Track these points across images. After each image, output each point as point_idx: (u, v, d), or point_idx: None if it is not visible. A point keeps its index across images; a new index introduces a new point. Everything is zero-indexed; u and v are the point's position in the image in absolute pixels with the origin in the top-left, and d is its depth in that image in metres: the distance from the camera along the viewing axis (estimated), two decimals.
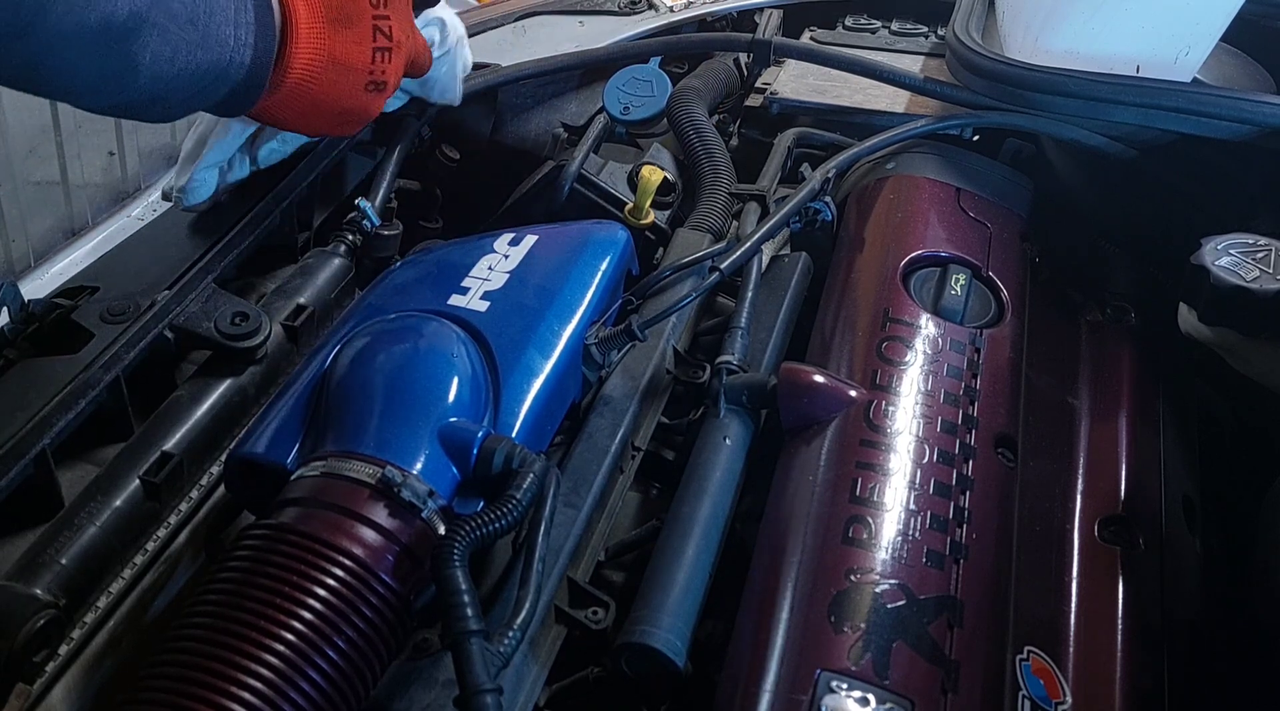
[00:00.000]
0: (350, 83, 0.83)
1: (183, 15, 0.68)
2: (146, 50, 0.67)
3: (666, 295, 0.93)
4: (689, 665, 0.68)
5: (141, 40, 0.66)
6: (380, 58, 0.84)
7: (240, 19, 0.72)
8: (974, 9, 1.26)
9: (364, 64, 0.83)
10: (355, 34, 0.82)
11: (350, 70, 0.83)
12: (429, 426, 0.71)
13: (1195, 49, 1.06)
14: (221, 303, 0.88)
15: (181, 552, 0.78)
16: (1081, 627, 0.75)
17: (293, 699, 0.58)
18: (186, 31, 0.69)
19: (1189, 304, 0.92)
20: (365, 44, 0.83)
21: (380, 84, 0.86)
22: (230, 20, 0.72)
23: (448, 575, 0.62)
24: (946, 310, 0.90)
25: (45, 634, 0.66)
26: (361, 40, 0.83)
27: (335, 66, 0.81)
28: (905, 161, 1.10)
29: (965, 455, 0.79)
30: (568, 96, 1.34)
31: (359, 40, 0.82)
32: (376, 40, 0.83)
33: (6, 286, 0.83)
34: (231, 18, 0.72)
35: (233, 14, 0.72)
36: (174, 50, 0.69)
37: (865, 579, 0.69)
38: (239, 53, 0.73)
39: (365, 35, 0.83)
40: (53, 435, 0.74)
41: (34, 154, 1.85)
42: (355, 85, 0.84)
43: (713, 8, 1.45)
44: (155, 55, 0.68)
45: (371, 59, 0.84)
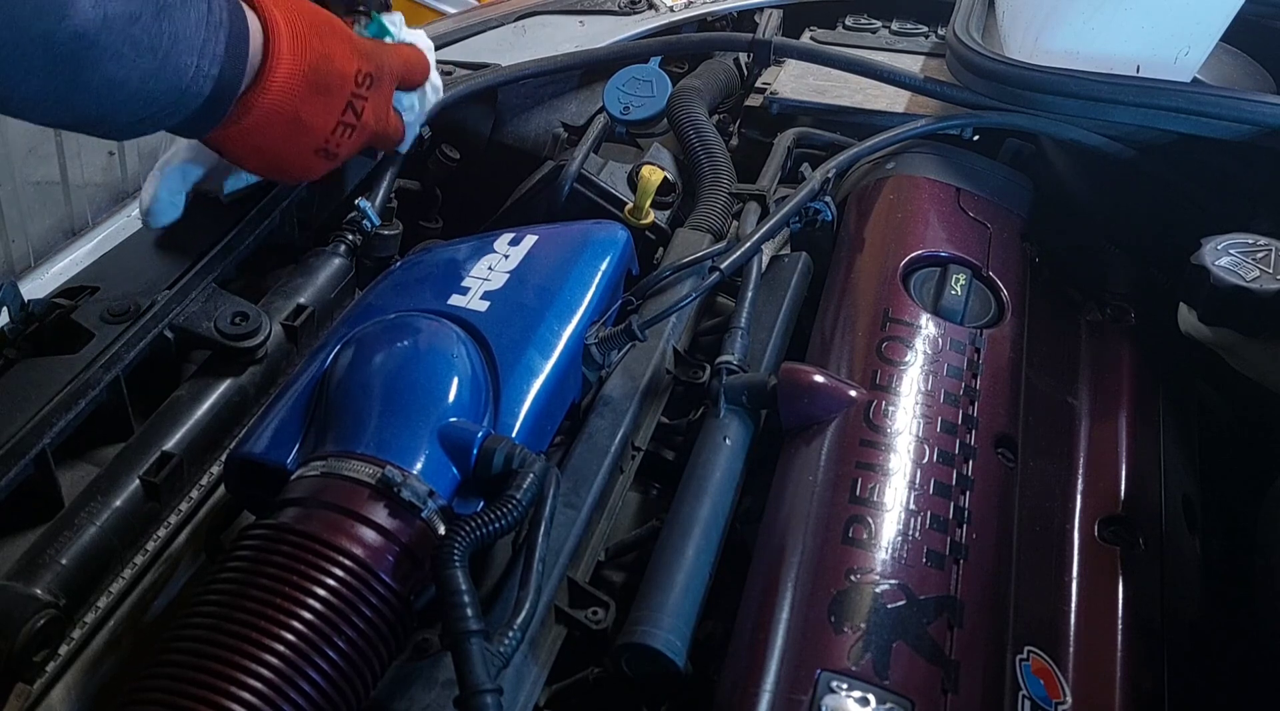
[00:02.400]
0: (302, 144, 0.82)
1: (144, 42, 0.66)
2: (94, 74, 0.65)
3: (666, 295, 0.93)
4: (689, 665, 0.68)
5: (89, 63, 0.64)
6: (342, 132, 0.84)
7: (207, 49, 0.70)
8: (974, 9, 1.26)
9: (323, 132, 0.83)
10: (327, 103, 0.81)
11: (307, 133, 0.82)
12: (429, 426, 0.71)
13: (1195, 49, 1.06)
14: (221, 303, 0.88)
15: (181, 552, 0.78)
16: (1081, 627, 0.75)
17: (293, 699, 0.58)
18: (144, 59, 0.66)
19: (1189, 304, 0.92)
20: (333, 116, 0.82)
21: (331, 154, 0.85)
22: (195, 50, 0.69)
23: (448, 575, 0.62)
24: (946, 310, 0.90)
25: (45, 634, 0.66)
26: (330, 111, 0.82)
27: (294, 125, 0.80)
28: (905, 161, 1.10)
29: (965, 455, 0.79)
30: (568, 96, 1.34)
31: (328, 110, 0.82)
32: (345, 116, 0.83)
33: (6, 286, 0.83)
34: (197, 47, 0.70)
35: (199, 44, 0.70)
36: (126, 75, 0.66)
37: (865, 579, 0.69)
38: (198, 83, 0.71)
39: (336, 108, 0.82)
40: (53, 435, 0.74)
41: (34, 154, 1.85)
42: (307, 147, 0.83)
43: (713, 8, 1.45)
44: (104, 79, 0.66)
45: (333, 130, 0.83)
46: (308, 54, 0.78)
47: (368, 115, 0.85)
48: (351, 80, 0.82)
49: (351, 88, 0.82)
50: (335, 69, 0.80)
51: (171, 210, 0.93)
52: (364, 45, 0.85)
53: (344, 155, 0.87)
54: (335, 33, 0.82)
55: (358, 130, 0.85)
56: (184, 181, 0.93)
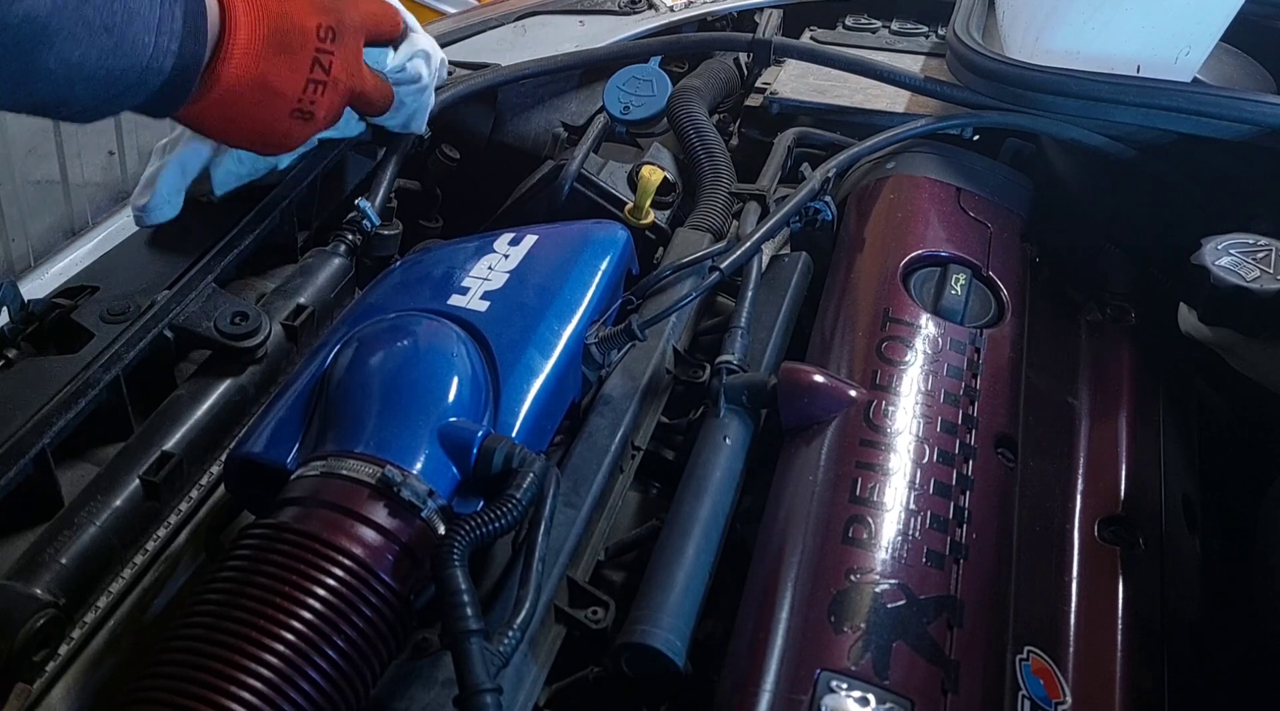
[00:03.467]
0: (276, 108, 0.82)
1: (97, 21, 0.65)
2: (50, 55, 0.64)
3: (666, 295, 0.93)
4: (689, 665, 0.68)
5: (44, 45, 0.63)
6: (313, 89, 0.83)
7: (165, 26, 0.69)
8: (974, 9, 1.26)
9: (294, 92, 0.82)
10: (292, 62, 0.80)
11: (278, 96, 0.81)
12: (429, 426, 0.71)
13: (1195, 49, 1.06)
14: (221, 302, 0.88)
15: (181, 552, 0.78)
16: (1081, 627, 0.75)
17: (292, 698, 0.58)
18: (99, 38, 0.65)
19: (1189, 304, 0.92)
20: (300, 74, 0.81)
21: (307, 114, 0.84)
22: (151, 28, 0.69)
23: (447, 575, 0.62)
24: (946, 310, 0.90)
25: (45, 633, 0.66)
26: (297, 69, 0.81)
27: (263, 89, 0.80)
28: (905, 161, 1.10)
29: (965, 455, 0.79)
30: (568, 96, 1.34)
31: (294, 69, 0.81)
32: (313, 72, 0.82)
33: (6, 286, 0.83)
34: (154, 25, 0.69)
35: (155, 21, 0.69)
36: (83, 56, 0.65)
37: (865, 579, 0.69)
38: (158, 59, 0.70)
39: (303, 65, 0.81)
40: (53, 435, 0.74)
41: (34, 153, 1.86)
42: (280, 111, 0.82)
43: (713, 7, 1.45)
44: (60, 61, 0.65)
45: (303, 89, 0.82)
46: (265, 15, 0.77)
47: (337, 69, 0.84)
48: (313, 35, 0.81)
49: (315, 43, 0.81)
50: (294, 25, 0.80)
51: (169, 208, 0.92)
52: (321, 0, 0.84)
53: (324, 115, 0.86)
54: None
55: (329, 86, 0.84)
56: (183, 178, 0.93)
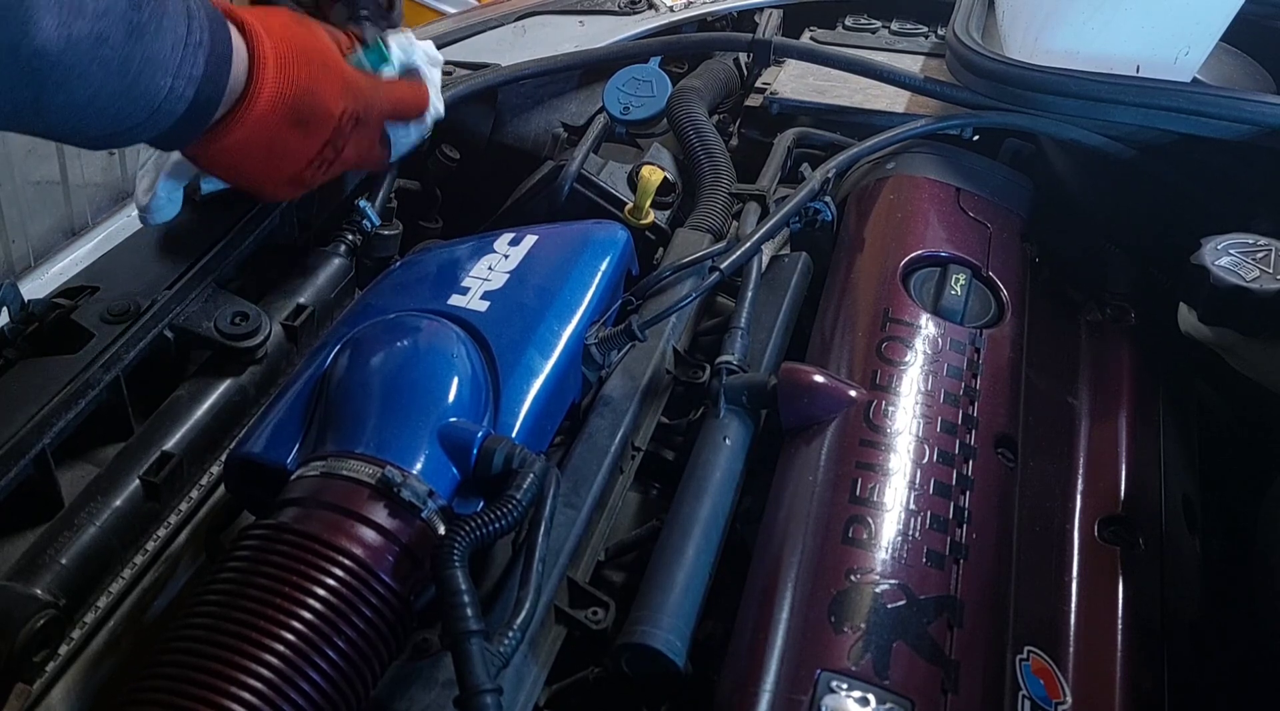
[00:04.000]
0: (278, 170, 0.81)
1: (112, 64, 0.63)
2: (59, 93, 0.63)
3: (666, 295, 0.93)
4: (689, 665, 0.68)
5: (53, 82, 0.62)
6: (318, 166, 0.82)
7: (184, 70, 0.68)
8: (974, 9, 1.26)
9: (299, 164, 0.81)
10: (305, 140, 0.80)
11: (284, 161, 0.80)
12: (429, 426, 0.71)
13: (1195, 49, 1.06)
14: (221, 302, 0.88)
15: (181, 552, 0.78)
16: (1081, 627, 0.75)
17: (292, 699, 0.58)
18: (113, 80, 0.64)
19: (1189, 304, 0.92)
20: (311, 150, 0.81)
21: (304, 183, 0.84)
22: (170, 71, 0.67)
23: (448, 575, 0.62)
24: (946, 310, 0.90)
25: (45, 634, 0.66)
26: (309, 146, 0.80)
27: (270, 154, 0.79)
28: (905, 161, 1.10)
29: (965, 455, 0.79)
30: (568, 96, 1.34)
31: (306, 145, 0.80)
32: (324, 152, 0.81)
33: (6, 286, 0.83)
34: (173, 68, 0.67)
35: (175, 65, 0.67)
36: (93, 95, 0.64)
37: (865, 579, 0.69)
38: (171, 103, 0.69)
39: (316, 144, 0.80)
40: (53, 435, 0.74)
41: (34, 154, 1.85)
42: (281, 174, 0.82)
43: (713, 8, 1.45)
44: (69, 99, 0.64)
45: (308, 164, 0.82)
46: (293, 87, 0.76)
47: (348, 153, 0.84)
48: (335, 119, 0.80)
49: (334, 126, 0.80)
50: (320, 105, 0.79)
51: (170, 207, 0.92)
52: (355, 82, 0.83)
53: (317, 184, 0.86)
54: (326, 66, 0.80)
55: (335, 164, 0.84)
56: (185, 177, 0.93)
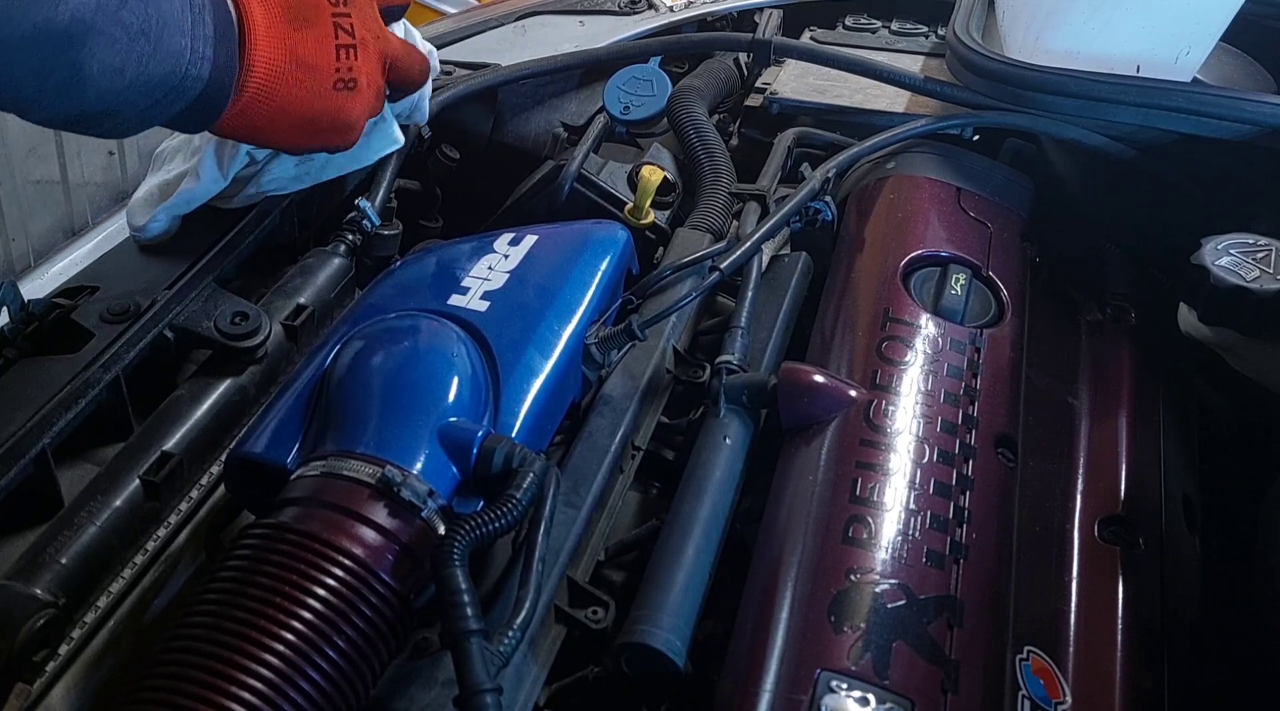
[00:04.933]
0: (317, 83, 0.79)
1: (134, 25, 0.64)
2: (93, 60, 0.63)
3: (666, 295, 0.93)
4: (689, 665, 0.68)
5: (87, 50, 0.63)
6: (345, 54, 0.80)
7: (198, 30, 0.69)
8: (974, 9, 1.26)
9: (329, 62, 0.79)
10: (316, 33, 0.78)
11: (315, 70, 0.79)
12: (429, 426, 0.71)
13: (1195, 49, 1.06)
14: (221, 302, 0.88)
15: (181, 552, 0.78)
16: (1081, 627, 0.75)
17: (292, 698, 0.58)
18: (138, 42, 0.65)
19: (1189, 304, 0.92)
20: (328, 41, 0.79)
21: (350, 82, 0.81)
22: (186, 31, 0.68)
23: (447, 574, 0.62)
24: (946, 310, 0.90)
25: (45, 634, 0.66)
26: (323, 38, 0.79)
27: (299, 67, 0.77)
28: (905, 161, 1.10)
29: (965, 455, 0.79)
30: (568, 96, 1.34)
31: (321, 39, 0.79)
32: (339, 38, 0.80)
33: (6, 286, 0.83)
34: (188, 29, 0.68)
35: (189, 25, 0.68)
36: (124, 61, 0.65)
37: (865, 579, 0.69)
38: (195, 65, 0.69)
39: (327, 33, 0.79)
40: (53, 435, 0.74)
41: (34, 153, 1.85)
42: (323, 85, 0.80)
43: (713, 8, 1.45)
44: (103, 66, 0.64)
45: (336, 56, 0.80)
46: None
47: (359, 30, 0.81)
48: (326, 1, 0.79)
49: (329, 9, 0.79)
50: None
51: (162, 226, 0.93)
52: None
53: (365, 82, 0.83)
54: None
55: (360, 48, 0.81)
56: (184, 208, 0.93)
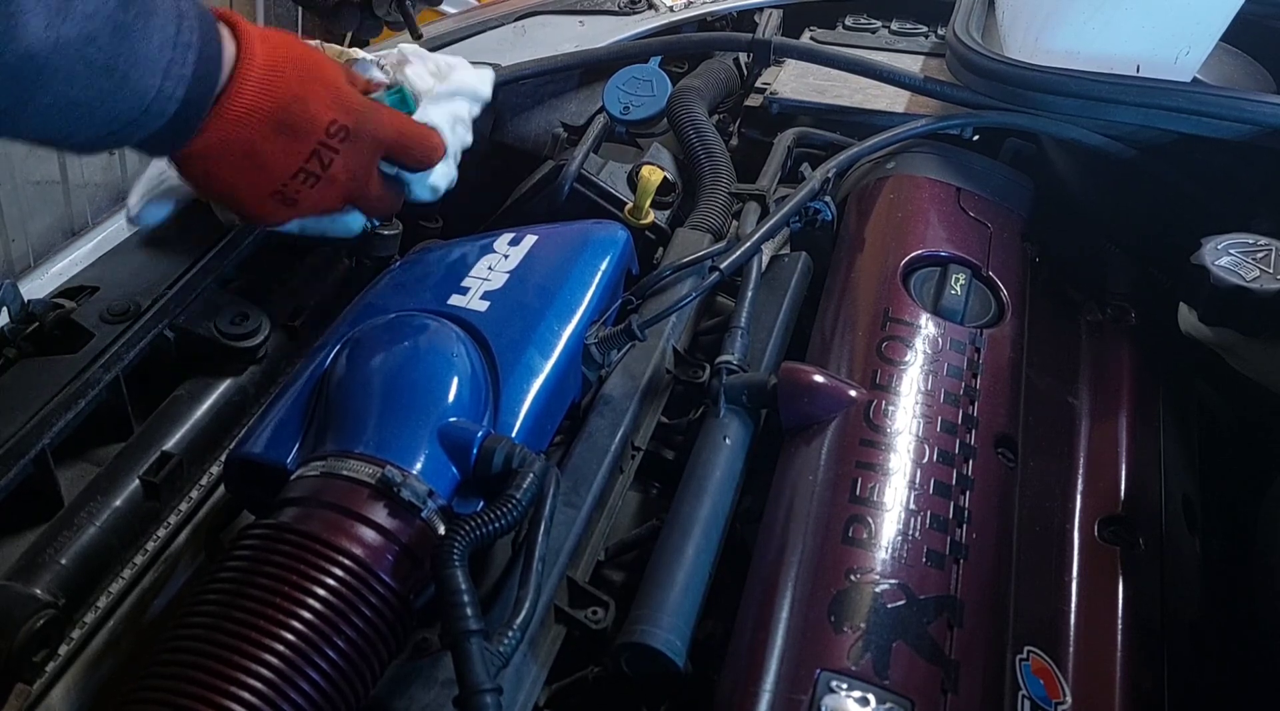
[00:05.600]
0: (259, 182, 0.77)
1: (99, 62, 0.62)
2: (46, 93, 0.61)
3: (666, 295, 0.93)
4: (689, 665, 0.68)
5: (42, 82, 0.60)
6: (304, 179, 0.77)
7: (173, 70, 0.66)
8: (974, 9, 1.26)
9: (281, 174, 0.77)
10: (290, 146, 0.76)
11: (265, 172, 0.76)
12: (429, 426, 0.71)
13: (1195, 49, 1.06)
14: (221, 303, 0.88)
15: (181, 552, 0.78)
16: (1081, 627, 0.75)
17: (292, 698, 0.58)
18: (100, 80, 0.63)
19: (1189, 304, 0.92)
20: (295, 159, 0.77)
21: (289, 200, 0.79)
22: (158, 71, 0.65)
23: (447, 575, 0.62)
24: (946, 310, 0.90)
25: (45, 634, 0.66)
26: (292, 155, 0.76)
27: (250, 161, 0.75)
28: (905, 161, 1.10)
29: (965, 455, 0.79)
30: (568, 96, 1.34)
31: (290, 153, 0.76)
32: (309, 163, 0.77)
33: (6, 286, 0.83)
34: (162, 68, 0.66)
35: (164, 65, 0.66)
36: (81, 95, 0.63)
37: (865, 578, 0.69)
38: (160, 103, 0.67)
39: (300, 152, 0.76)
40: (53, 435, 0.75)
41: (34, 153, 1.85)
42: (263, 187, 0.77)
43: (713, 8, 1.45)
44: (57, 98, 0.62)
45: (293, 175, 0.77)
46: (277, 91, 0.74)
47: (337, 169, 0.79)
48: (323, 129, 0.77)
49: (321, 136, 0.77)
50: (305, 113, 0.76)
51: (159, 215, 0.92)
52: (350, 97, 0.79)
53: (307, 207, 0.80)
54: (320, 79, 0.77)
55: (324, 182, 0.79)
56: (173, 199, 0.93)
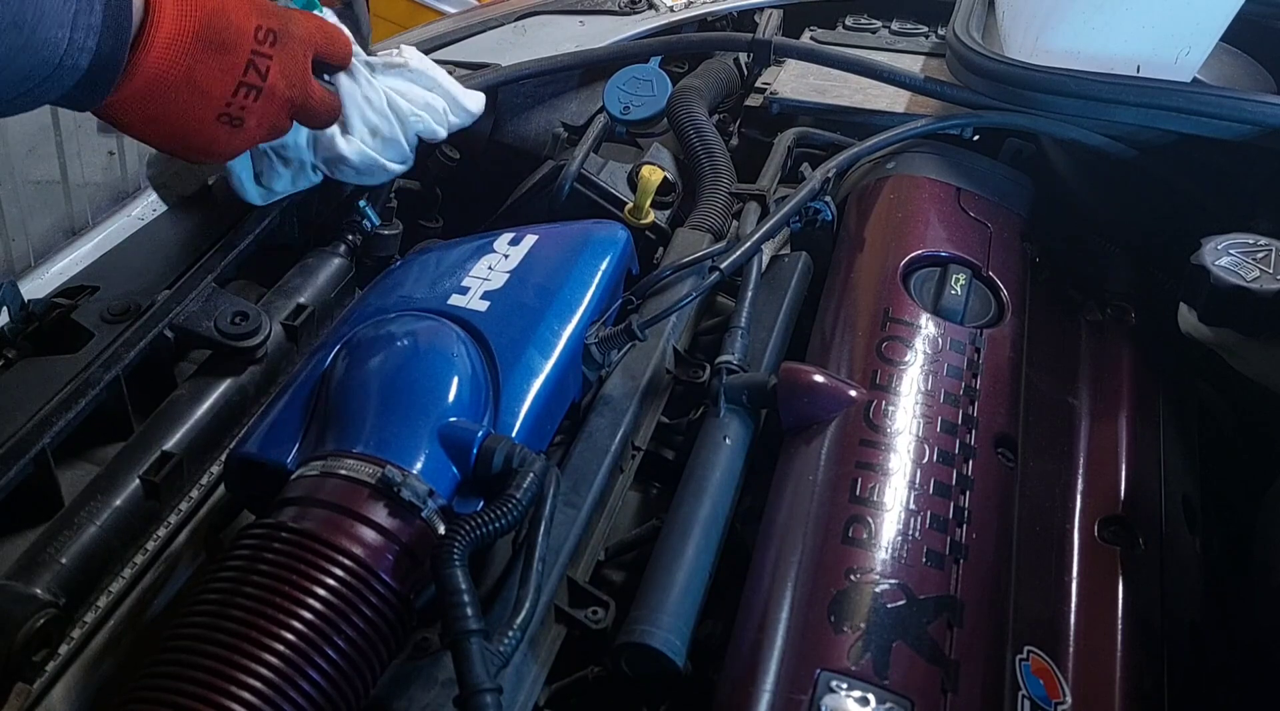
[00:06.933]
0: (201, 109, 0.75)
1: (5, 19, 0.61)
2: None
3: (666, 295, 0.93)
4: (689, 665, 0.68)
5: None
6: (245, 94, 0.77)
7: (80, 20, 0.65)
8: (974, 9, 1.26)
9: (223, 94, 0.76)
10: (224, 61, 0.75)
11: (206, 96, 0.75)
12: (429, 426, 0.71)
13: (1195, 49, 1.06)
14: (221, 302, 0.88)
15: (181, 552, 0.78)
16: (1081, 627, 0.75)
17: (292, 698, 0.58)
18: (7, 34, 0.62)
19: (1189, 304, 0.92)
20: (232, 74, 0.76)
21: (236, 119, 0.78)
22: (65, 23, 0.65)
23: (447, 574, 0.62)
24: (946, 310, 0.90)
25: (45, 633, 0.66)
26: (229, 69, 0.75)
27: (188, 86, 0.73)
28: (905, 161, 1.10)
29: (965, 455, 0.79)
30: (568, 96, 1.34)
31: (225, 69, 0.75)
32: (247, 75, 0.76)
33: (6, 286, 0.83)
34: (69, 19, 0.65)
35: (70, 16, 0.65)
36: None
37: (865, 579, 0.69)
38: (73, 56, 0.66)
39: (235, 65, 0.75)
40: (53, 435, 0.74)
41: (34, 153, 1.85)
42: (206, 113, 0.76)
43: (713, 8, 1.45)
44: None
45: (234, 91, 0.76)
46: (196, 10, 0.72)
47: (275, 76, 0.78)
48: (250, 36, 0.76)
49: (252, 44, 0.76)
50: (229, 23, 0.74)
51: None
52: (267, 4, 0.78)
53: (254, 125, 0.80)
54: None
55: (265, 94, 0.78)
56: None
